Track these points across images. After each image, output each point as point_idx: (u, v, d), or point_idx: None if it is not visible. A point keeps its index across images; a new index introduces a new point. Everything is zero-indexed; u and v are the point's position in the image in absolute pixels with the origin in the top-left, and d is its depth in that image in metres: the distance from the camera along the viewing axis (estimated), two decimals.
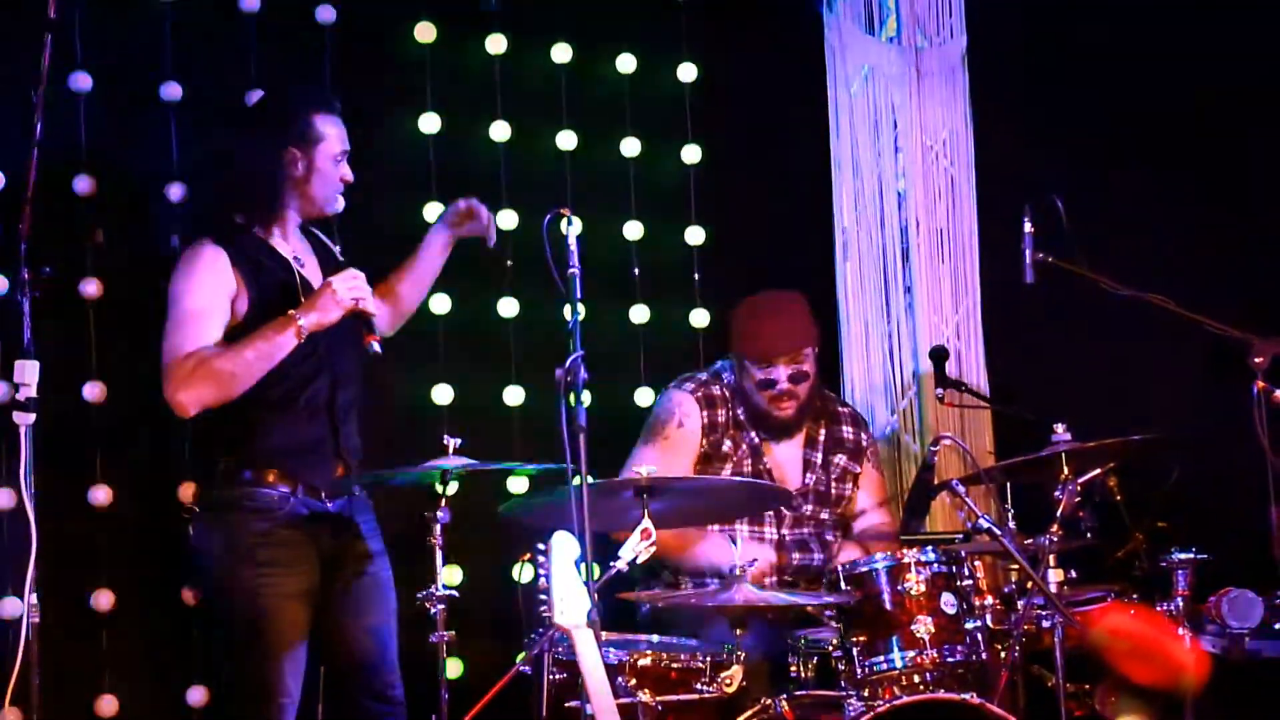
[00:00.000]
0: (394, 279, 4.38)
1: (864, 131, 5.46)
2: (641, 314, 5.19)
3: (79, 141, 4.45)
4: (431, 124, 4.95)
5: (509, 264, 4.98)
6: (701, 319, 5.25)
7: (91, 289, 4.46)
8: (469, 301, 4.97)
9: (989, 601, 4.07)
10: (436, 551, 3.90)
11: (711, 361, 4.90)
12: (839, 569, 4.06)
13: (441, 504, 3.91)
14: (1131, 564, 4.39)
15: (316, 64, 4.76)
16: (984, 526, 3.99)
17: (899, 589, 3.99)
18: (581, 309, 3.68)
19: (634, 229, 5.21)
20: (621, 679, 3.84)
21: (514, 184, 5.02)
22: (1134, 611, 3.70)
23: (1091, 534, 4.35)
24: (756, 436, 4.64)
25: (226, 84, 4.64)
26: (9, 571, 4.08)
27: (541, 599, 3.47)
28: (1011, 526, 4.10)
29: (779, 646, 4.22)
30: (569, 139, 5.11)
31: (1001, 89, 5.46)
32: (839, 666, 4.01)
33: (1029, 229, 4.57)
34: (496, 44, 5.04)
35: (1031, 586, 4.02)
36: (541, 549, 3.47)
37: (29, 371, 3.67)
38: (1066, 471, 4.20)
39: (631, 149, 5.21)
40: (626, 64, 5.22)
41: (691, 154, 5.27)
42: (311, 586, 3.97)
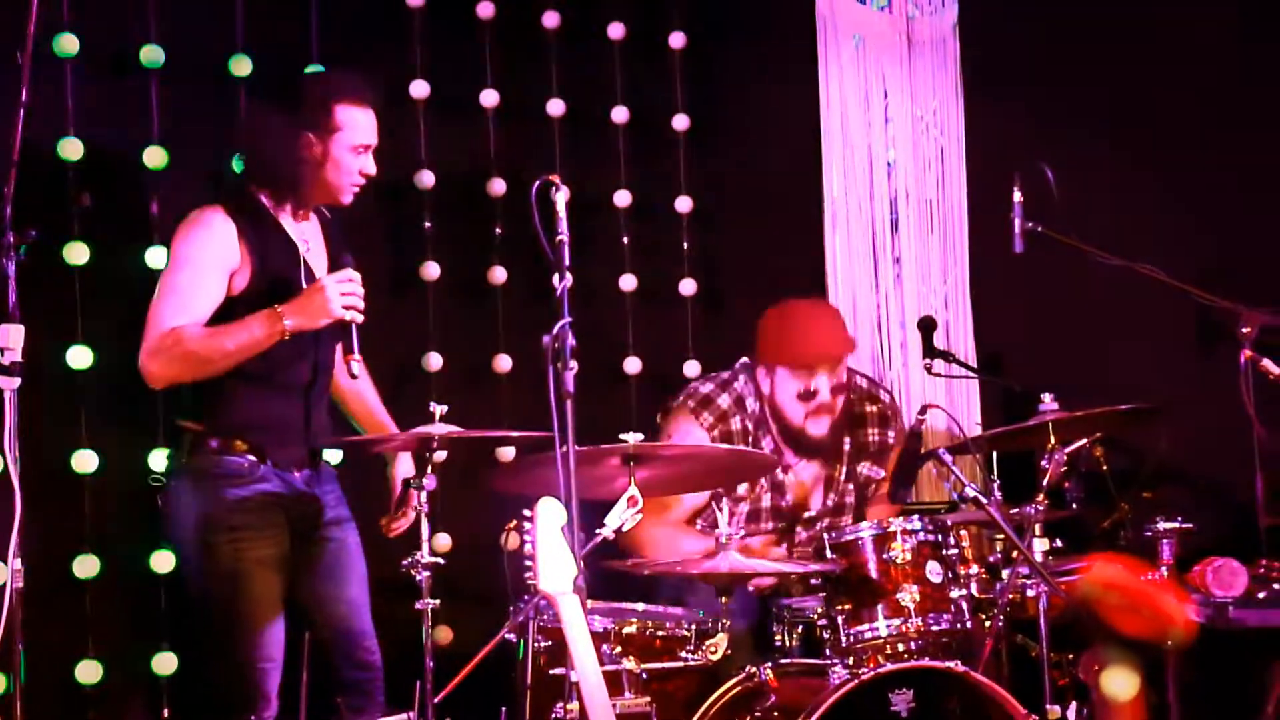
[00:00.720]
0: (355, 403, 4.27)
1: (854, 101, 5.44)
2: (630, 282, 5.18)
3: (65, 105, 4.42)
4: (421, 89, 4.93)
5: (498, 232, 4.97)
6: (689, 287, 5.24)
7: (78, 254, 4.44)
8: (458, 269, 4.95)
9: (974, 570, 4.08)
10: (423, 518, 3.89)
11: (698, 334, 4.89)
12: (824, 536, 4.06)
13: (428, 471, 3.90)
14: (1117, 534, 4.41)
15: (303, 28, 4.73)
16: (970, 495, 3.99)
17: (884, 557, 3.99)
18: (569, 277, 3.66)
19: (623, 197, 5.19)
20: (606, 646, 3.85)
21: (504, 152, 4.99)
22: (1122, 564, 3.70)
23: (1077, 504, 4.37)
24: (774, 436, 4.51)
25: (210, 49, 4.60)
26: None
27: (527, 565, 3.47)
28: (997, 496, 4.10)
29: (764, 615, 4.23)
30: (558, 106, 5.09)
31: (992, 59, 5.45)
32: (824, 635, 4.02)
33: (1018, 198, 4.57)
34: (485, 9, 5.01)
35: (1017, 556, 4.03)
36: (528, 515, 3.47)
37: (13, 336, 3.63)
38: (1053, 441, 4.21)
39: (620, 116, 5.19)
40: (616, 31, 5.19)
41: (681, 122, 5.25)
42: (283, 553, 3.99)
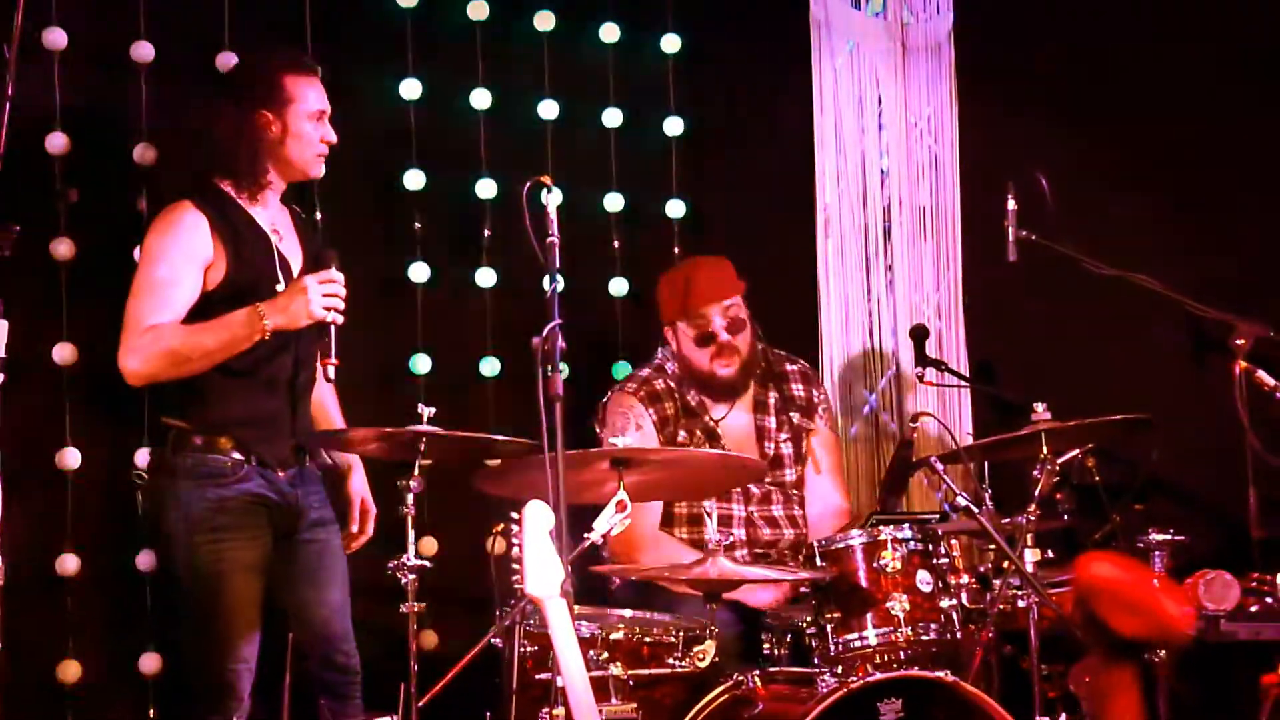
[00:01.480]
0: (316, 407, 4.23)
1: (848, 107, 5.44)
2: (620, 286, 5.16)
3: (52, 99, 4.40)
4: (412, 90, 4.91)
5: (487, 234, 4.96)
6: None
7: (63, 249, 4.42)
8: (447, 271, 4.94)
9: (965, 580, 4.05)
10: (409, 521, 3.87)
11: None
12: (815, 545, 4.05)
13: (415, 474, 3.88)
14: (1109, 545, 4.39)
15: (295, 27, 4.71)
16: (961, 505, 3.98)
17: (874, 566, 3.98)
18: (560, 280, 3.65)
19: (614, 200, 5.18)
20: (593, 652, 3.83)
21: (494, 153, 4.98)
22: (1117, 562, 3.68)
23: (1069, 515, 4.36)
24: (710, 420, 4.61)
25: (198, 45, 4.59)
26: None
27: (514, 569, 3.45)
28: (989, 506, 4.09)
29: (752, 622, 4.22)
30: (550, 108, 5.07)
31: (987, 66, 5.44)
32: (812, 643, 4.00)
33: (1012, 206, 4.57)
34: (479, 10, 5.00)
35: (1008, 566, 4.02)
36: (515, 519, 3.45)
37: None
38: (1045, 451, 4.20)
39: (613, 119, 5.18)
40: (610, 33, 5.18)
41: (674, 126, 5.24)
42: (264, 556, 3.98)
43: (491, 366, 4.95)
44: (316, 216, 4.62)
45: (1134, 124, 5.34)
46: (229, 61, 4.57)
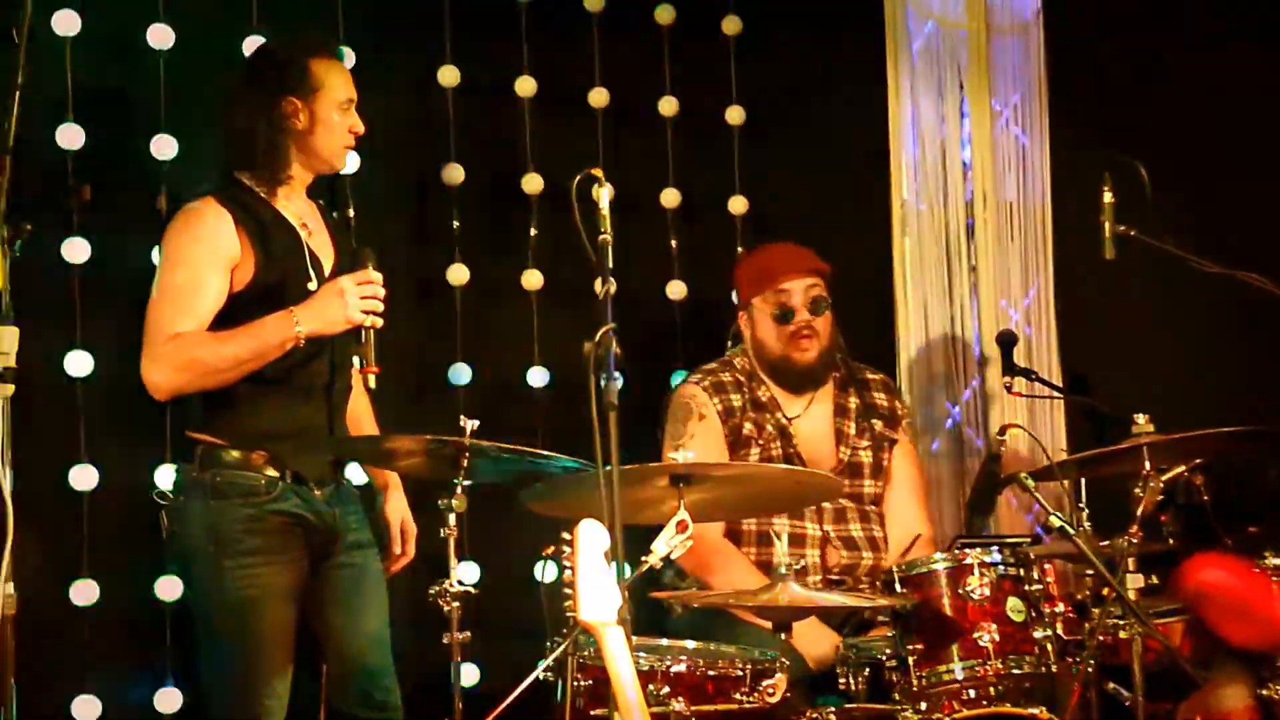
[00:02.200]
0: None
1: (926, 94, 5.44)
2: (679, 290, 5.14)
3: (65, 88, 4.43)
4: (451, 77, 4.91)
5: (533, 232, 4.95)
6: None
7: (77, 250, 4.44)
8: (489, 273, 4.92)
9: (1060, 609, 3.99)
10: (451, 544, 3.85)
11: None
12: (894, 569, 4.01)
13: (457, 491, 3.85)
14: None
15: (328, 10, 4.73)
16: (1056, 525, 3.93)
17: (960, 593, 3.93)
18: (614, 282, 3.63)
19: (671, 197, 5.16)
20: (653, 686, 3.79)
21: (541, 145, 4.97)
22: (1228, 566, 3.63)
23: (1174, 538, 4.31)
24: (783, 417, 4.60)
25: (221, 28, 4.61)
26: None
27: (566, 594, 3.42)
28: (1086, 527, 4.04)
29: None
30: (601, 96, 5.06)
31: (1080, 47, 5.42)
32: (892, 677, 3.95)
33: (1108, 199, 4.52)
34: None
35: (1108, 593, 3.96)
36: (566, 539, 3.43)
37: (7, 338, 3.61)
38: (1148, 467, 4.13)
39: (669, 108, 5.16)
40: (665, 15, 5.17)
41: (735, 115, 5.23)
42: (299, 580, 3.94)
43: (539, 376, 4.94)
44: (349, 213, 4.61)
45: (1244, 107, 5.28)
46: (254, 47, 4.59)
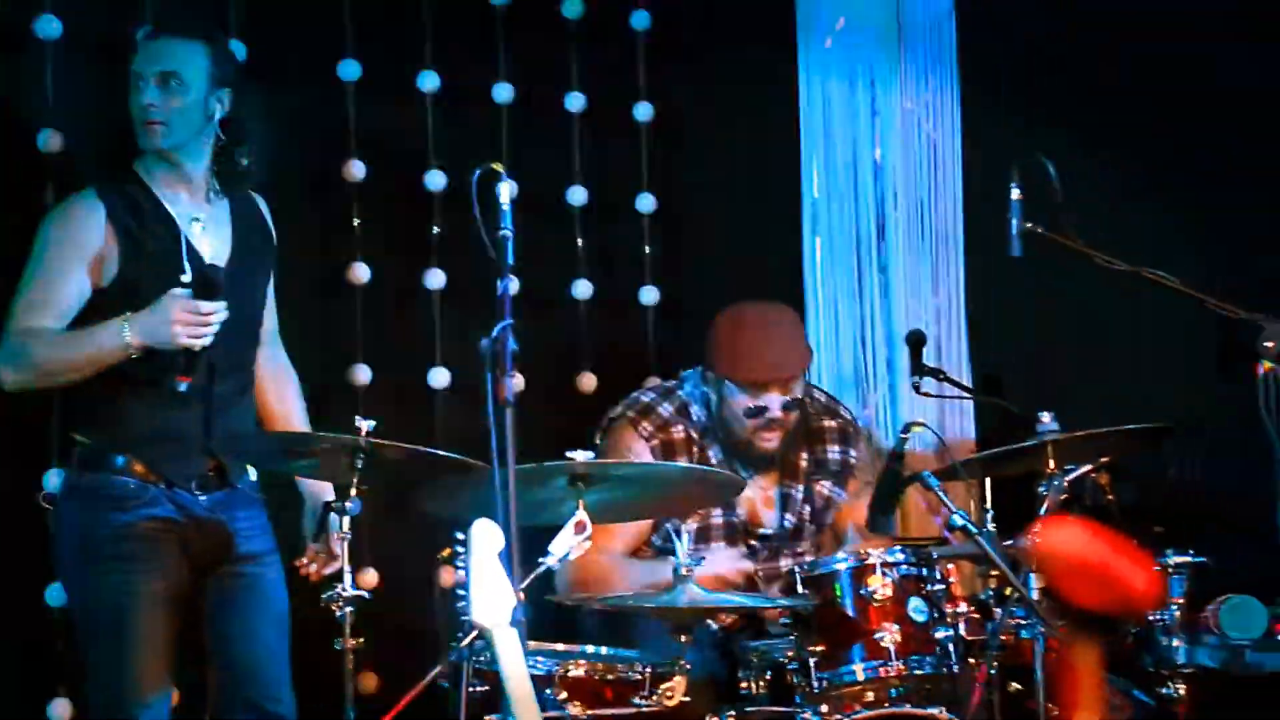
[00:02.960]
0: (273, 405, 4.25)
1: (837, 91, 5.44)
2: (585, 289, 5.17)
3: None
4: (351, 71, 4.92)
5: (435, 230, 4.97)
6: (652, 296, 5.24)
7: None
8: (391, 271, 4.94)
9: (962, 609, 4.04)
10: (345, 549, 3.84)
11: (662, 347, 4.88)
12: (794, 569, 4.05)
13: (351, 494, 3.85)
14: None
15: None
16: (959, 524, 3.97)
17: (862, 593, 3.98)
18: (515, 280, 3.65)
19: (578, 194, 5.19)
20: (550, 691, 3.82)
21: (443, 140, 4.99)
22: (1076, 528, 3.69)
23: None
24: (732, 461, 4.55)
25: (110, 21, 4.60)
26: None
27: (461, 596, 3.44)
28: (990, 527, 4.09)
29: (726, 657, 4.22)
30: (506, 92, 5.09)
31: (994, 45, 5.42)
32: (794, 679, 4.00)
33: (1016, 195, 4.56)
34: None
35: (1011, 593, 4.02)
36: (461, 540, 3.45)
37: None
38: (1053, 465, 4.21)
39: (576, 104, 5.19)
40: (572, 8, 5.19)
41: (643, 111, 5.26)
42: (176, 588, 3.94)
43: (440, 377, 4.96)
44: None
45: (1154, 108, 5.35)
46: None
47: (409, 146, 4.98)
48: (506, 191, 3.69)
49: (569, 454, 3.85)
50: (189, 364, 3.87)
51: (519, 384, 3.58)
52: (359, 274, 4.90)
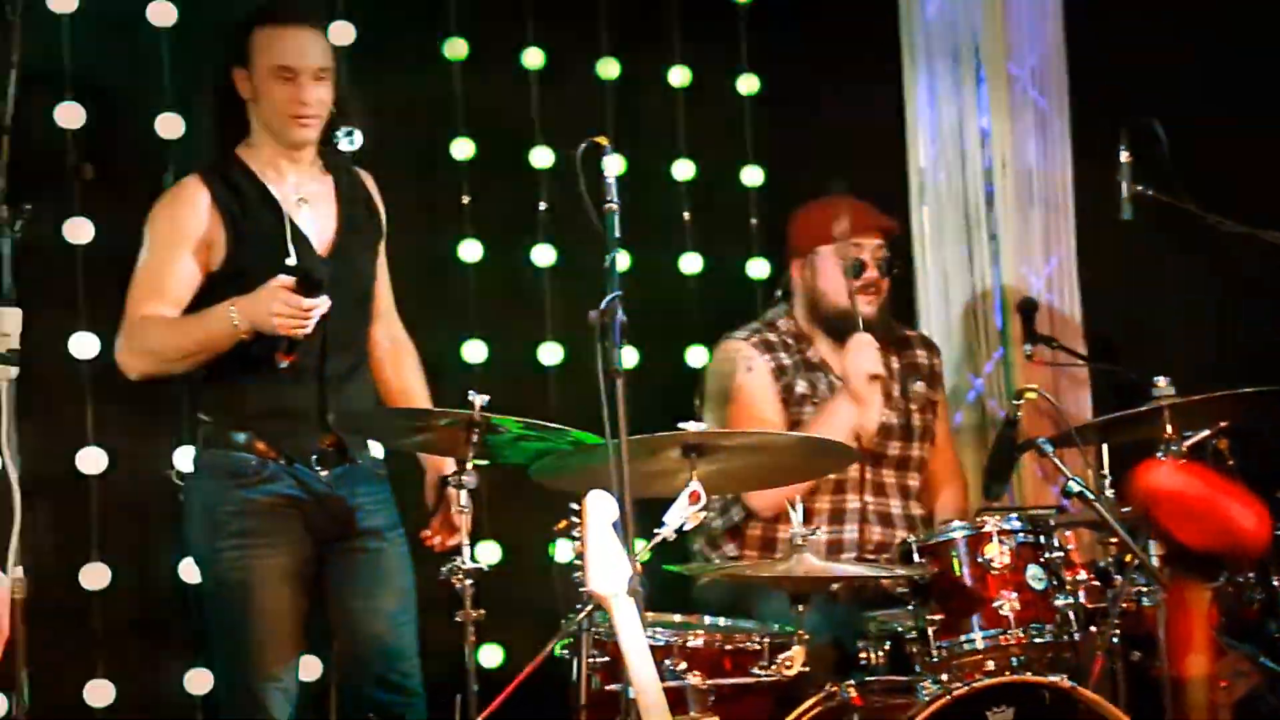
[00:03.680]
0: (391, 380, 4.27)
1: (942, 58, 5.43)
2: (693, 263, 5.18)
3: (62, 65, 4.48)
4: (458, 49, 4.95)
5: (543, 206, 4.99)
6: (760, 269, 5.25)
7: (80, 231, 4.50)
8: (501, 249, 4.97)
9: (1081, 576, 4.02)
10: (465, 523, 3.87)
11: None
12: (910, 539, 4.04)
13: (468, 468, 3.88)
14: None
15: None
16: (1075, 490, 3.95)
17: (979, 561, 3.96)
18: (624, 254, 3.67)
19: (684, 168, 5.20)
20: (669, 661, 3.83)
21: (550, 118, 5.01)
22: (1182, 469, 3.63)
23: None
24: (835, 378, 4.57)
25: (223, 4, 4.66)
26: None
27: (578, 566, 3.46)
28: (1109, 494, 4.06)
29: (845, 626, 4.22)
30: (610, 67, 5.10)
31: (1098, 6, 5.38)
32: (912, 648, 3.99)
33: (1125, 158, 4.52)
34: None
35: (1131, 561, 3.99)
36: (576, 511, 3.47)
37: (10, 320, 3.68)
38: (1170, 431, 4.17)
39: (680, 78, 5.20)
40: None
41: (747, 84, 5.26)
42: (299, 564, 3.99)
43: (552, 354, 4.99)
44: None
45: (1267, 68, 5.28)
46: None
47: (515, 123, 5.00)
48: (611, 164, 3.70)
49: (681, 425, 3.87)
50: (290, 344, 3.92)
51: (631, 357, 3.59)
52: (470, 251, 4.93)
